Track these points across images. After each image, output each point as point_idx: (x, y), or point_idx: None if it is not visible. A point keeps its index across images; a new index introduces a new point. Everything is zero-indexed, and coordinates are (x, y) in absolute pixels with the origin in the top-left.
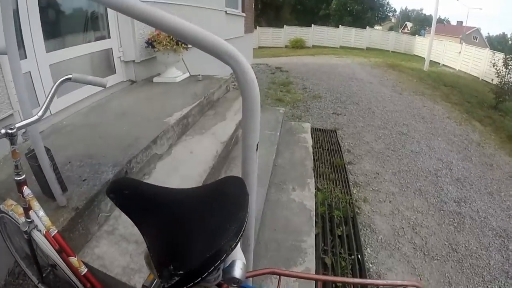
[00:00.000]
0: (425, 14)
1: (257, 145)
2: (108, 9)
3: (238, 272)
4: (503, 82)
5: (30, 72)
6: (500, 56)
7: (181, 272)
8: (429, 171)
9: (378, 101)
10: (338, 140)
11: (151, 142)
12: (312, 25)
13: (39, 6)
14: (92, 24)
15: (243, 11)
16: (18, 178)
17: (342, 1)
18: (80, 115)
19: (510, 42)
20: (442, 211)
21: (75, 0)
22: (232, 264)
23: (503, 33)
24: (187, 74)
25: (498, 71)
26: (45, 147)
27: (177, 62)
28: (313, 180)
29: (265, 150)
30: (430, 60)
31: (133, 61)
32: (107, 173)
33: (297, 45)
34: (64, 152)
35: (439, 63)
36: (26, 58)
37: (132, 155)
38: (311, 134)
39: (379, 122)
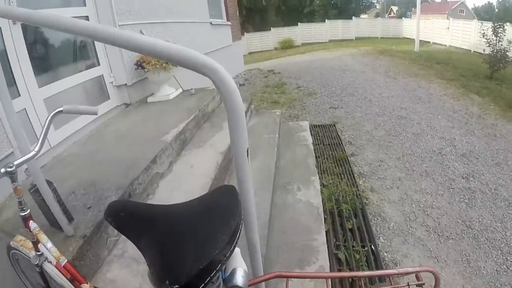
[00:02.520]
0: None
1: (247, 151)
2: None
3: (239, 280)
4: (495, 50)
5: (25, 109)
6: (488, 25)
7: (176, 286)
8: (433, 151)
9: (373, 89)
10: (338, 134)
11: (150, 162)
12: (299, 23)
13: (26, 43)
14: (80, 53)
15: (228, 20)
16: (23, 214)
17: None
18: (79, 144)
19: (496, 10)
20: (451, 189)
21: (61, 33)
22: (232, 273)
23: (489, 2)
24: (180, 90)
25: (489, 40)
26: (47, 180)
27: (169, 80)
28: (317, 177)
29: (266, 154)
30: (420, 40)
31: (125, 84)
32: (111, 197)
33: (286, 46)
34: (67, 183)
35: (429, 42)
36: (19, 96)
37: (133, 177)
38: (310, 131)
39: (377, 110)
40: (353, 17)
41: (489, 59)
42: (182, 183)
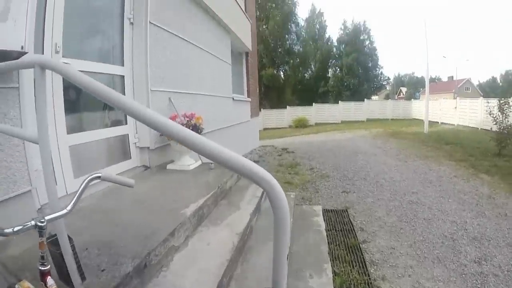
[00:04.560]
0: (417, 77)
1: (288, 256)
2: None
3: None
4: (501, 127)
5: (50, 151)
6: (494, 102)
7: None
8: (444, 236)
9: (385, 173)
10: (350, 220)
11: (169, 235)
12: (314, 103)
13: (63, 88)
14: (110, 108)
15: (248, 96)
16: (43, 268)
17: (339, 77)
18: (95, 198)
19: (500, 84)
20: (463, 275)
21: None
22: None
23: (493, 77)
24: (200, 162)
25: (495, 118)
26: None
27: (190, 151)
28: (330, 265)
29: None
30: (429, 121)
31: (148, 147)
32: (127, 265)
33: (301, 124)
34: (81, 237)
35: (438, 122)
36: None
37: (151, 247)
38: (323, 216)
39: (388, 195)
40: (365, 99)
41: (497, 137)
42: (198, 260)
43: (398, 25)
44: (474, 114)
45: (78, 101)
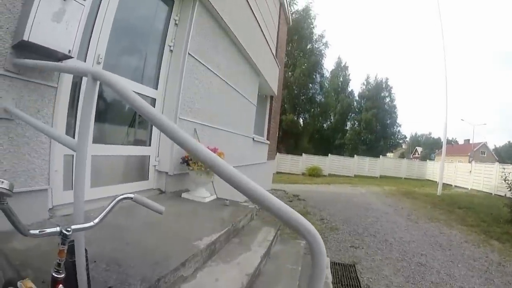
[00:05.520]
0: (433, 138)
1: None
2: None
3: None
4: None
5: (73, 155)
6: (509, 168)
7: None
8: None
9: (395, 232)
10: (357, 275)
11: (180, 264)
12: (329, 154)
13: (98, 99)
14: (137, 127)
15: (267, 139)
16: (58, 276)
17: (356, 131)
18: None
19: None
20: None
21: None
22: None
23: (509, 142)
24: (214, 196)
25: (510, 184)
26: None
27: (207, 184)
28: None
29: (286, 286)
30: (443, 183)
31: (167, 172)
32: (135, 286)
33: (314, 173)
34: (90, 248)
35: (452, 185)
36: None
37: (161, 274)
38: (330, 269)
39: (397, 254)
40: (380, 156)
41: (510, 203)
42: None
43: (418, 85)
44: (489, 179)
45: (107, 114)
